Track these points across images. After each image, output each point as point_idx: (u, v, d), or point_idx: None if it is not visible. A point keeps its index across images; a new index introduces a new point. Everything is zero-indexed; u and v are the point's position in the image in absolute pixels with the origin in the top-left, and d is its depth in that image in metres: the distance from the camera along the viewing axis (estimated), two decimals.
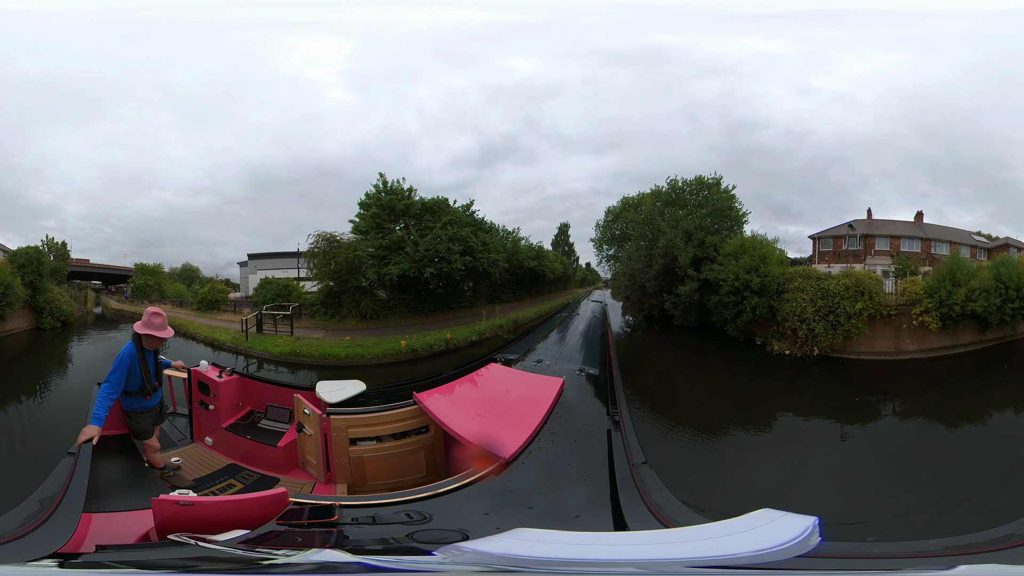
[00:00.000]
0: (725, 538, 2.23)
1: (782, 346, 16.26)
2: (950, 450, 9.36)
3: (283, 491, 3.24)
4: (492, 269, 24.37)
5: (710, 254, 20.23)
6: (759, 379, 15.41)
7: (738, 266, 17.73)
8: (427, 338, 18.25)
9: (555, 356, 9.01)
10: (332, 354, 16.08)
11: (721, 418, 11.27)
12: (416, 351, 17.10)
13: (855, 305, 14.24)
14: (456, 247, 21.65)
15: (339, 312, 21.70)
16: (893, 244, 24.24)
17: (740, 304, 17.62)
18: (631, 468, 3.43)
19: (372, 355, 16.07)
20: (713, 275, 18.96)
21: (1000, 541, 2.02)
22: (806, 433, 10.72)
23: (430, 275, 21.15)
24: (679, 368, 18.00)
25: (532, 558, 2.06)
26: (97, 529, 2.92)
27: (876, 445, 9.72)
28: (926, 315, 13.80)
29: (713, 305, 19.13)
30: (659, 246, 21.76)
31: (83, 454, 3.50)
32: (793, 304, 15.72)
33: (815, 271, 17.49)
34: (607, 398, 5.38)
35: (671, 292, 21.21)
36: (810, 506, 3.23)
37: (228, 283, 33.18)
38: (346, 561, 2.12)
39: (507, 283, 29.44)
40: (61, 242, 24.50)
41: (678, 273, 21.04)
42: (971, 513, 6.01)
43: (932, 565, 1.91)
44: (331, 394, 5.40)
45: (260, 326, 19.32)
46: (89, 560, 2.33)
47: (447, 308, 23.62)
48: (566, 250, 42.56)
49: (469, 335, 19.90)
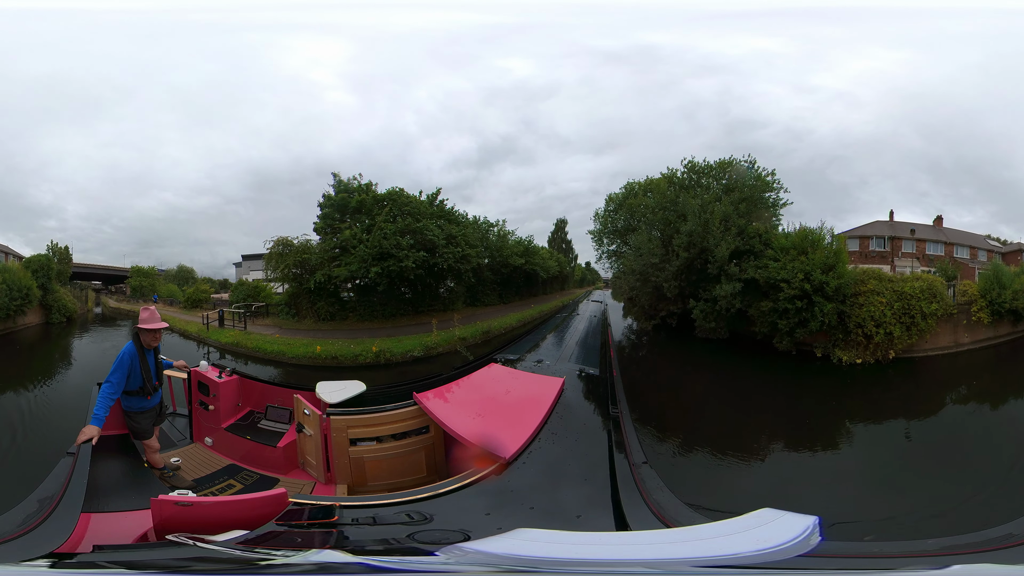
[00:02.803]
0: (726, 538, 2.22)
1: (850, 355, 14.58)
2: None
3: (283, 491, 3.23)
4: (462, 266, 21.34)
5: (755, 247, 16.44)
6: (876, 409, 11.51)
7: (807, 264, 14.84)
8: (357, 347, 16.65)
9: (555, 356, 9.00)
10: (262, 348, 17.46)
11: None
12: (337, 359, 16.04)
13: (930, 306, 14.90)
14: (405, 241, 19.34)
15: (300, 312, 21.98)
16: (919, 247, 24.59)
17: (806, 311, 14.60)
18: (632, 468, 3.43)
19: (292, 355, 16.71)
20: (766, 274, 15.35)
21: (997, 541, 2.02)
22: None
23: (375, 275, 19.29)
24: (741, 410, 11.79)
25: (534, 558, 2.06)
26: (96, 529, 2.91)
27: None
28: (981, 312, 15.83)
29: (763, 312, 15.44)
30: (682, 233, 17.30)
31: (82, 454, 3.50)
32: (870, 308, 14.62)
33: (884, 273, 16.67)
34: (607, 398, 5.38)
35: (698, 295, 17.02)
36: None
37: (227, 283, 33.61)
38: (346, 562, 2.11)
39: (491, 284, 26.68)
40: (64, 247, 27.05)
41: (709, 270, 16.77)
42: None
43: (927, 565, 1.92)
44: (331, 395, 5.39)
45: (222, 321, 22.05)
46: (83, 560, 2.32)
47: (416, 312, 21.30)
48: (563, 248, 40.07)
49: (413, 348, 16.91)
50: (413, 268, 19.56)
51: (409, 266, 19.36)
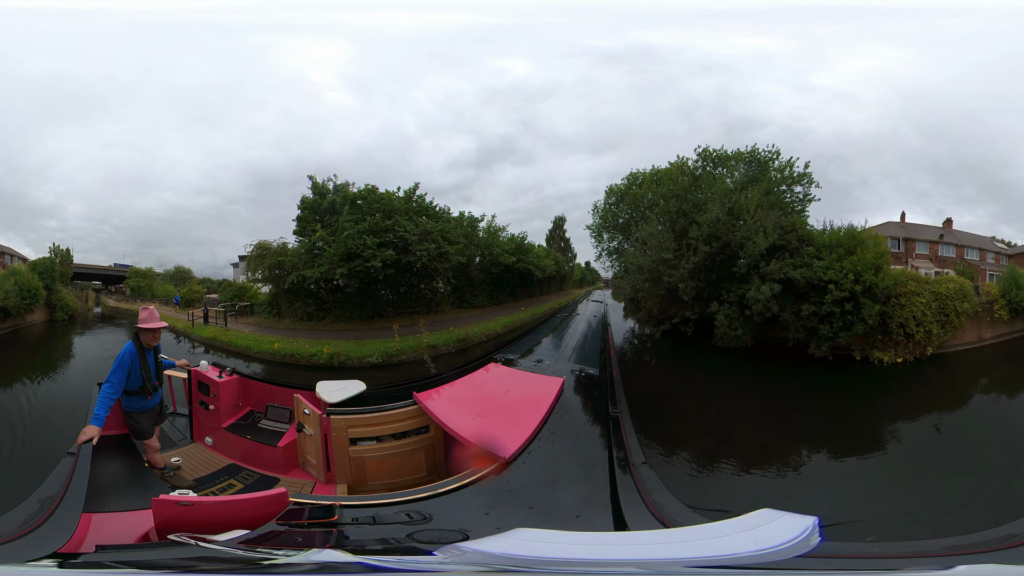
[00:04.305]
0: (725, 538, 2.23)
1: (890, 355, 14.46)
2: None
3: (283, 491, 3.24)
4: (439, 264, 20.15)
5: (790, 243, 14.91)
6: (942, 402, 11.12)
7: (858, 264, 14.14)
8: (312, 347, 16.56)
9: (555, 356, 9.00)
10: (233, 343, 18.96)
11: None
12: (294, 356, 16.31)
13: (963, 305, 15.84)
14: (371, 240, 18.42)
15: (281, 312, 22.58)
16: (932, 248, 24.89)
17: (852, 314, 13.92)
18: (631, 468, 3.43)
19: (256, 350, 17.70)
20: (808, 274, 14.09)
21: (999, 541, 2.02)
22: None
23: (342, 276, 18.89)
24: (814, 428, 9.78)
25: (533, 558, 2.06)
26: (97, 529, 2.92)
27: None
28: (1002, 310, 17.34)
29: (801, 316, 14.31)
30: (701, 224, 15.27)
31: (83, 454, 3.50)
32: (911, 308, 14.75)
33: (919, 275, 17.38)
34: (607, 398, 5.38)
35: (720, 297, 15.09)
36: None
37: (227, 283, 34.03)
38: (346, 561, 2.11)
39: (480, 284, 25.05)
40: (66, 249, 28.24)
41: (735, 269, 14.92)
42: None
43: (931, 565, 1.91)
44: (331, 394, 5.40)
45: (206, 319, 23.81)
46: (89, 560, 2.32)
47: (398, 314, 20.35)
48: (562, 246, 38.46)
49: (372, 354, 15.88)
50: (381, 268, 18.65)
51: (376, 266, 18.46)
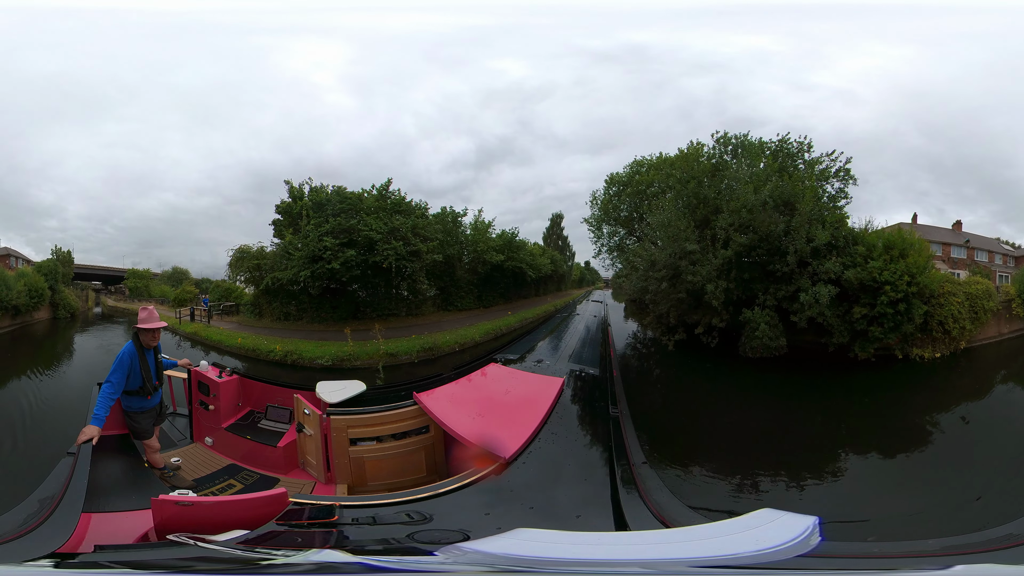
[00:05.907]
0: (726, 538, 2.23)
1: (929, 351, 14.99)
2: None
3: (283, 491, 3.23)
4: (409, 264, 19.20)
5: (839, 241, 14.19)
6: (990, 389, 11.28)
7: (912, 266, 14.16)
8: (270, 344, 17.35)
9: (555, 356, 9.00)
10: (210, 338, 20.77)
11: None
12: (256, 351, 17.54)
13: (989, 303, 17.00)
14: (330, 241, 18.09)
15: (262, 312, 23.45)
16: (944, 250, 25.21)
17: (903, 314, 13.87)
18: (631, 468, 3.43)
19: (227, 344, 19.26)
20: (863, 275, 13.62)
21: (998, 541, 2.02)
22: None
23: (305, 279, 18.90)
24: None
25: (533, 558, 2.06)
26: (96, 529, 2.91)
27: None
28: (1019, 308, 18.51)
29: (852, 318, 13.89)
30: (734, 211, 13.50)
31: (83, 454, 3.50)
32: (950, 307, 15.73)
33: (952, 276, 18.52)
34: (607, 398, 5.38)
35: (759, 300, 13.35)
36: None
37: (215, 284, 34.51)
38: (346, 561, 2.11)
39: (467, 285, 24.12)
40: (67, 250, 29.52)
41: (776, 267, 13.41)
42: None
43: (929, 565, 1.91)
44: (331, 394, 5.40)
45: (193, 316, 25.91)
46: (86, 560, 2.32)
47: (379, 317, 20.16)
48: (559, 245, 37.27)
49: (322, 356, 15.64)
50: (342, 269, 18.29)
51: (336, 267, 18.16)
